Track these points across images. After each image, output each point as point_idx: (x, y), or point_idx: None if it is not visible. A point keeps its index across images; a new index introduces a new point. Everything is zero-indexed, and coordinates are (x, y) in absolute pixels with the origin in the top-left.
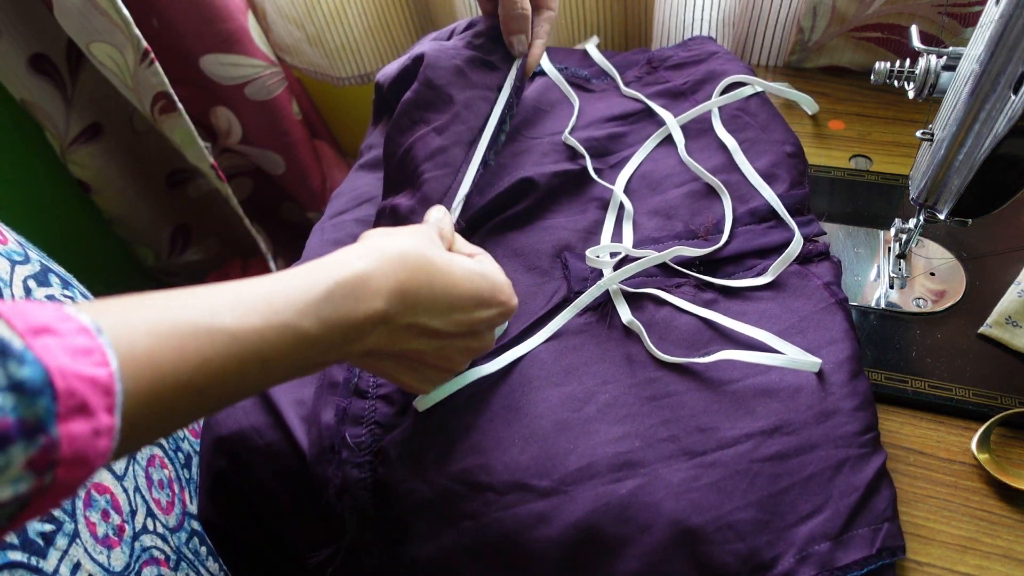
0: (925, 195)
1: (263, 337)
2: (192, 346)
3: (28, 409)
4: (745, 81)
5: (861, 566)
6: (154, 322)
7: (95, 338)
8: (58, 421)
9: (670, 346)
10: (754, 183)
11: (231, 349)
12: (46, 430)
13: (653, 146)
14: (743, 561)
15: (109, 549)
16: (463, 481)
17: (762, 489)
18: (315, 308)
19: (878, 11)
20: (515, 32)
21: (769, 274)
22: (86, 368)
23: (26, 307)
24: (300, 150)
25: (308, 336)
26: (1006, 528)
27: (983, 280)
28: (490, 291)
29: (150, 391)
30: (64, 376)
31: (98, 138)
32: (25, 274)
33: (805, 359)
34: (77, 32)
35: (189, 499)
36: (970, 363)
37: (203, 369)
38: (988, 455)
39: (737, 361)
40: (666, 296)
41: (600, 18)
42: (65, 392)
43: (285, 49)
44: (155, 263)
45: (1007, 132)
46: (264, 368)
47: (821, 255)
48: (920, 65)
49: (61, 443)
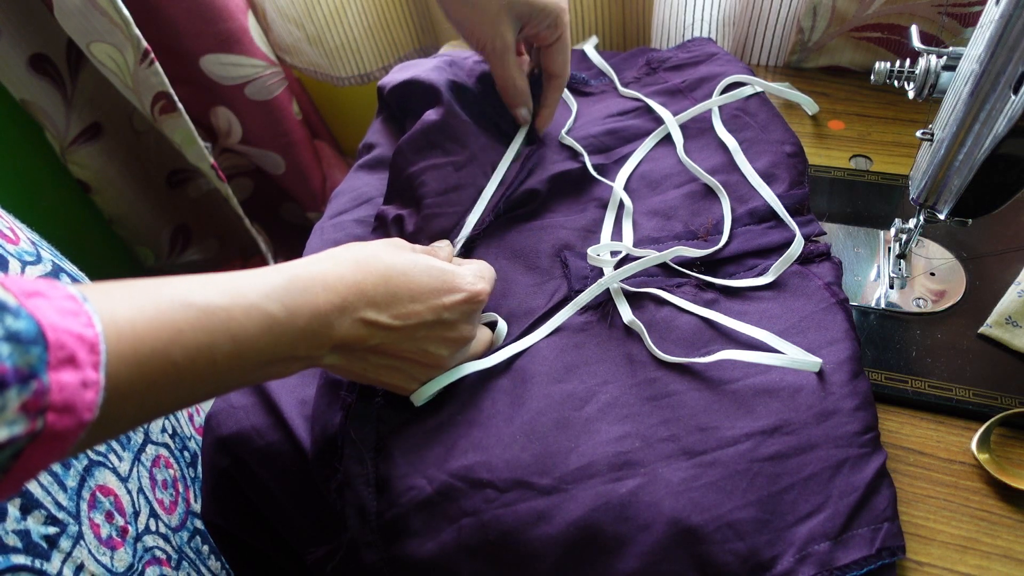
0: (925, 195)
1: (231, 315)
2: (167, 317)
3: (22, 357)
4: (745, 81)
5: (861, 566)
6: (133, 296)
7: (81, 304)
8: (49, 369)
9: (671, 345)
10: (753, 183)
11: (201, 322)
12: (38, 376)
13: (652, 145)
14: (742, 560)
15: (112, 550)
16: (464, 478)
17: (762, 489)
18: (277, 294)
19: (878, 11)
20: (515, 106)
21: (770, 274)
22: (74, 326)
23: (19, 278)
24: (300, 150)
25: (274, 318)
26: (1006, 528)
27: (983, 280)
28: (447, 280)
29: (131, 356)
30: (55, 330)
31: (98, 138)
32: (36, 274)
33: (805, 359)
34: (77, 32)
35: (194, 498)
36: (970, 363)
37: (178, 340)
38: (988, 455)
39: (738, 361)
40: (667, 296)
41: (599, 18)
42: (56, 344)
43: (285, 49)
44: (155, 263)
45: (1007, 132)
46: (235, 345)
47: (822, 255)
48: (920, 65)
49: (52, 389)
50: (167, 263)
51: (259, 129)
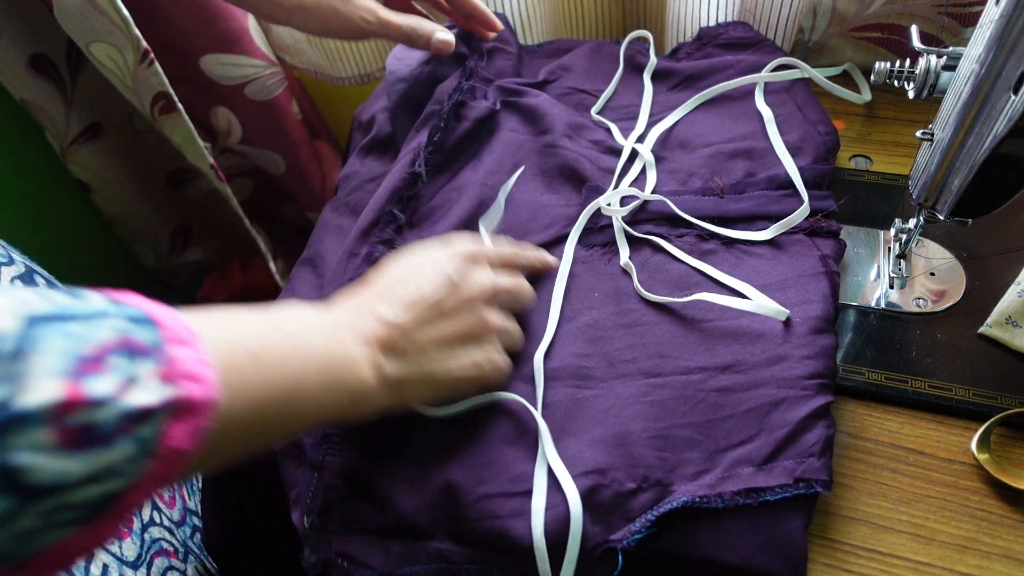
0: (925, 195)
1: (285, 313)
2: (235, 316)
3: (148, 334)
4: (795, 65)
5: (776, 493)
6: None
7: (160, 304)
8: (169, 344)
9: (657, 286)
10: (778, 152)
11: (259, 317)
12: (165, 350)
13: (689, 110)
14: (669, 469)
15: (120, 540)
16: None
17: (702, 415)
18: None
19: (878, 11)
20: (428, 37)
21: (768, 232)
22: (173, 315)
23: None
24: (300, 150)
25: (314, 314)
26: (1006, 528)
27: (983, 280)
28: (428, 252)
29: (228, 358)
30: (162, 315)
31: (98, 138)
32: (12, 274)
33: (772, 306)
34: (77, 32)
35: (188, 495)
36: (970, 363)
37: (246, 333)
38: (988, 455)
39: (712, 304)
40: (664, 244)
41: (598, 18)
42: (167, 324)
43: (285, 49)
44: (155, 263)
45: (1007, 132)
46: (292, 338)
47: (831, 234)
48: (920, 65)
49: (180, 360)
50: (167, 263)
51: (259, 129)
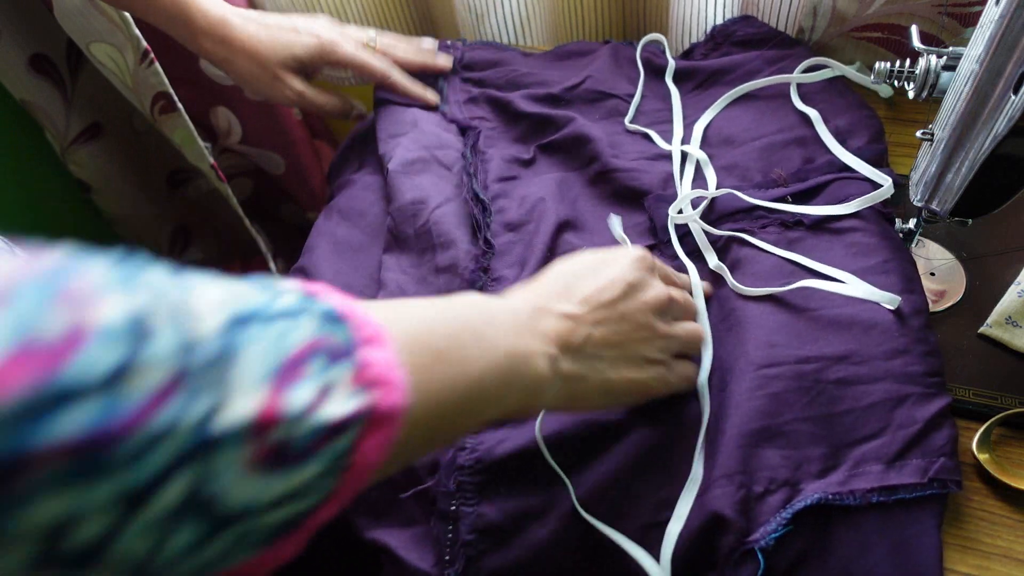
0: (925, 195)
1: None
2: (412, 308)
3: (340, 334)
4: (826, 64)
5: (910, 490)
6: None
7: (348, 297)
8: (360, 346)
9: (750, 281)
10: (829, 144)
11: (436, 305)
12: (357, 351)
13: (724, 105)
14: (794, 467)
15: None
16: None
17: (821, 407)
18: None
19: (878, 11)
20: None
21: (853, 205)
22: (360, 310)
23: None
24: (300, 150)
25: (494, 304)
26: (1006, 528)
27: (983, 280)
28: (609, 253)
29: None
30: (352, 312)
31: (98, 138)
32: None
33: (884, 294)
34: (77, 32)
35: None
36: (970, 363)
37: (435, 326)
38: (988, 455)
39: (816, 291)
40: (749, 239)
41: (598, 18)
42: (357, 323)
43: None
44: None
45: (1007, 132)
46: (477, 331)
47: (889, 218)
48: (920, 65)
49: (371, 363)
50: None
51: (259, 129)
